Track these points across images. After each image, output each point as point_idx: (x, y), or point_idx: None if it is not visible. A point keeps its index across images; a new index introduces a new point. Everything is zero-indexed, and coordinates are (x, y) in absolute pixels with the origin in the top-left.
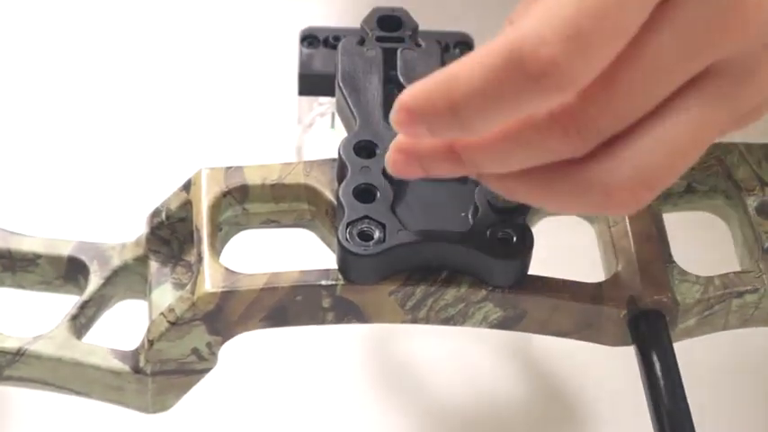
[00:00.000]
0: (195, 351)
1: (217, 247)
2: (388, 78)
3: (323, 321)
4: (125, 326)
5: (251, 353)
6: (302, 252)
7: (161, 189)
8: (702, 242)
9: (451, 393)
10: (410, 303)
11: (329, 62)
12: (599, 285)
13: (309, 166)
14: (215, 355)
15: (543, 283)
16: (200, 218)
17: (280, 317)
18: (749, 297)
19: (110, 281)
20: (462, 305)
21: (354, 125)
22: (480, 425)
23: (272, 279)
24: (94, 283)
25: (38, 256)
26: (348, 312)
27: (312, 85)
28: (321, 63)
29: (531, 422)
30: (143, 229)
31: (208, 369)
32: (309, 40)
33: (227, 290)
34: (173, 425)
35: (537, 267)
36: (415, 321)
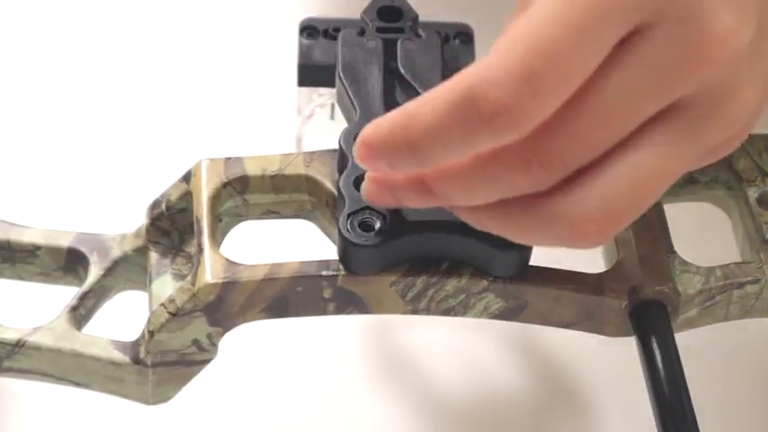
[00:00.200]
0: (196, 342)
1: (217, 238)
2: (389, 69)
3: (324, 312)
4: (125, 317)
5: (251, 344)
6: (303, 243)
7: (161, 180)
8: (703, 233)
9: (451, 383)
10: (411, 294)
11: (329, 53)
12: (600, 276)
13: (310, 156)
14: (215, 346)
15: (544, 274)
16: (200, 209)
17: (280, 308)
18: (750, 288)
19: (109, 272)
20: (463, 296)
21: (354, 116)
22: (480, 415)
23: (272, 270)
24: (94, 274)
25: (37, 248)
26: (349, 303)
27: (312, 75)
28: (321, 54)
29: (532, 412)
30: (143, 220)
31: (208, 360)
32: (309, 30)
33: (227, 281)
34: (173, 416)
35: (538, 258)
36: (415, 312)
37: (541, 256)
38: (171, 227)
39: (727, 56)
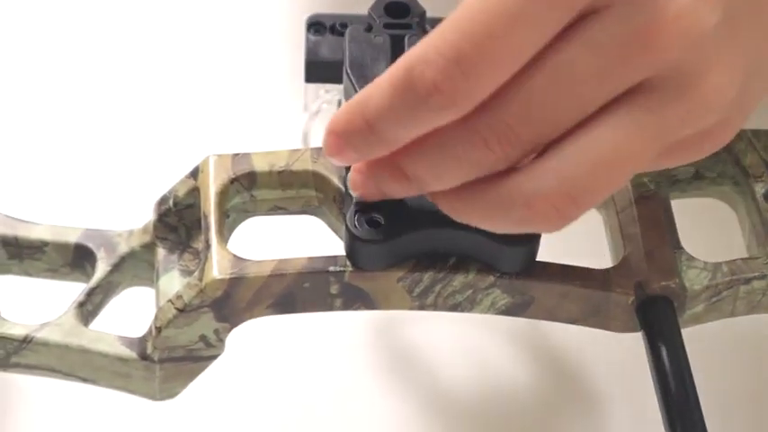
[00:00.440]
0: (203, 338)
1: (224, 234)
2: None
3: (331, 308)
4: (132, 313)
5: (259, 340)
6: (310, 239)
7: (168, 176)
8: (710, 228)
9: (459, 379)
10: (418, 290)
11: (336, 49)
12: (607, 272)
13: (317, 152)
14: (222, 341)
15: (551, 270)
16: (207, 204)
17: (287, 303)
18: (757, 283)
19: (117, 268)
20: (470, 292)
21: None
22: (488, 411)
23: (279, 266)
24: (101, 270)
25: (45, 244)
26: (356, 299)
27: (319, 72)
28: (328, 50)
29: (540, 407)
30: (150, 216)
31: (215, 356)
32: (316, 27)
33: (234, 276)
34: (180, 412)
35: (544, 254)
36: (422, 308)
37: (548, 252)
38: (178, 223)
39: (685, 38)
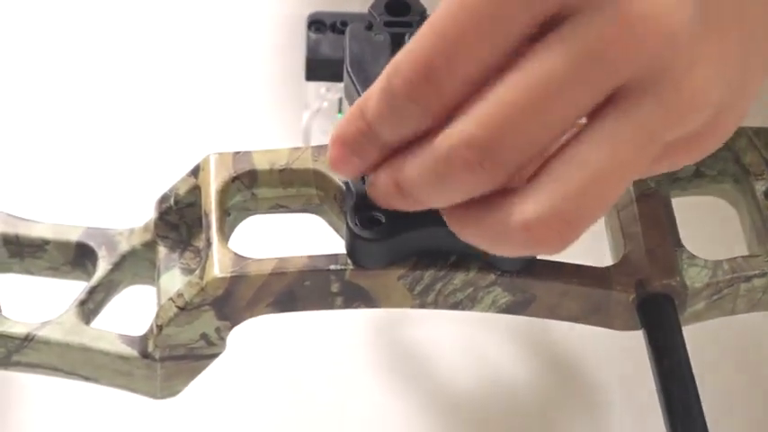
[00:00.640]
0: (204, 336)
1: (225, 232)
2: None
3: (331, 306)
4: (133, 311)
5: (260, 338)
6: (311, 237)
7: (169, 174)
8: (711, 226)
9: (460, 377)
10: (419, 288)
11: (336, 47)
12: (608, 270)
13: (318, 150)
14: (224, 340)
15: (552, 268)
16: (208, 203)
17: (288, 302)
18: (757, 281)
19: (118, 266)
20: (471, 290)
21: None
22: (488, 409)
23: (280, 264)
24: (103, 268)
25: (46, 242)
26: (357, 297)
27: (319, 70)
28: (328, 48)
29: (542, 406)
30: (151, 214)
31: (216, 354)
32: (316, 24)
33: (235, 275)
34: (182, 410)
35: None
36: (423, 306)
37: None
38: (179, 221)
39: (656, 37)
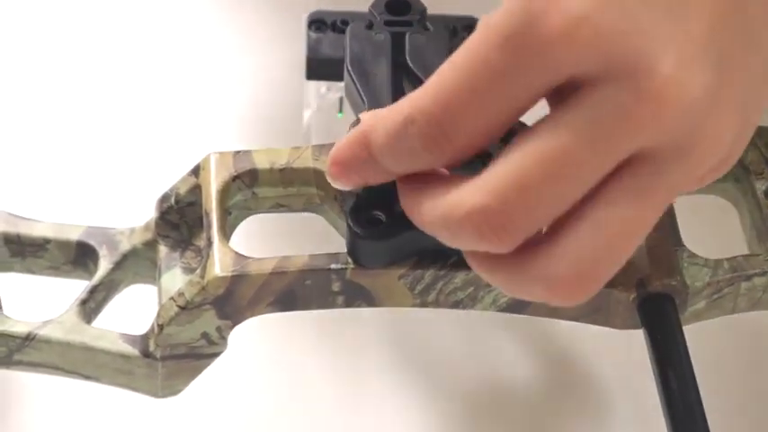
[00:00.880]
0: (205, 335)
1: (226, 232)
2: (397, 62)
3: (332, 305)
4: (134, 311)
5: (261, 337)
6: (311, 236)
7: (170, 174)
8: (711, 225)
9: (464, 375)
10: (420, 287)
11: (337, 46)
12: None
13: (318, 150)
14: (225, 339)
15: None
16: (209, 202)
17: (289, 301)
18: (758, 280)
19: (119, 266)
20: (471, 289)
21: (363, 109)
22: (490, 408)
23: (281, 263)
24: (104, 267)
25: (47, 241)
26: (358, 296)
27: (320, 69)
28: (329, 47)
29: (545, 404)
30: (152, 213)
31: (218, 353)
32: (317, 24)
33: (236, 274)
34: (183, 409)
35: None
36: (424, 305)
37: None
38: (180, 220)
39: (676, 106)
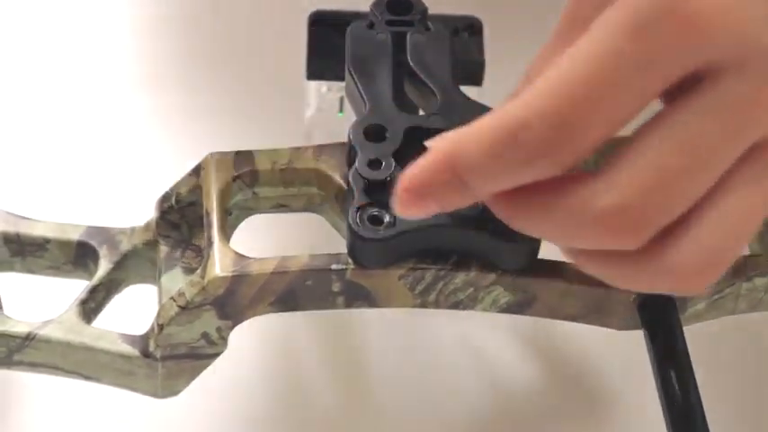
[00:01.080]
0: (205, 335)
1: (227, 232)
2: (398, 62)
3: (333, 306)
4: (135, 311)
5: (261, 337)
6: (312, 236)
7: (171, 174)
8: None
9: (463, 375)
10: (420, 287)
11: (338, 46)
12: None
13: (319, 150)
14: (225, 339)
15: (553, 268)
16: (209, 202)
17: (289, 301)
18: (758, 281)
19: (119, 265)
20: (472, 289)
21: (364, 109)
22: (491, 409)
23: (281, 263)
24: (104, 267)
25: (47, 241)
26: (358, 297)
27: (320, 69)
28: (329, 47)
29: (547, 406)
30: (152, 213)
31: (218, 353)
32: (318, 23)
33: (237, 274)
34: (183, 409)
35: (547, 251)
36: (424, 306)
37: (550, 250)
38: (180, 220)
39: None
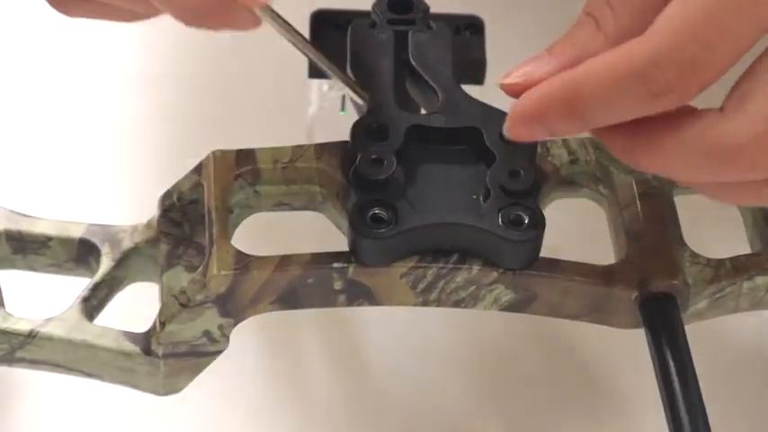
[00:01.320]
0: (207, 333)
1: (228, 230)
2: (400, 61)
3: (334, 304)
4: (136, 308)
5: (263, 336)
6: (313, 235)
7: (173, 172)
8: (713, 225)
9: (463, 374)
10: (421, 286)
11: (339, 45)
12: (610, 268)
13: (321, 148)
14: (226, 337)
15: (554, 266)
16: (211, 200)
17: (291, 299)
18: (760, 280)
19: (121, 263)
20: (473, 288)
21: (365, 108)
22: (492, 408)
23: (283, 261)
24: (106, 265)
25: (49, 239)
26: (359, 295)
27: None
28: (331, 45)
29: (552, 403)
30: (154, 211)
31: (219, 351)
32: (320, 22)
33: (238, 272)
34: (184, 406)
35: (548, 250)
36: (426, 304)
37: (551, 249)
38: (182, 218)
39: None
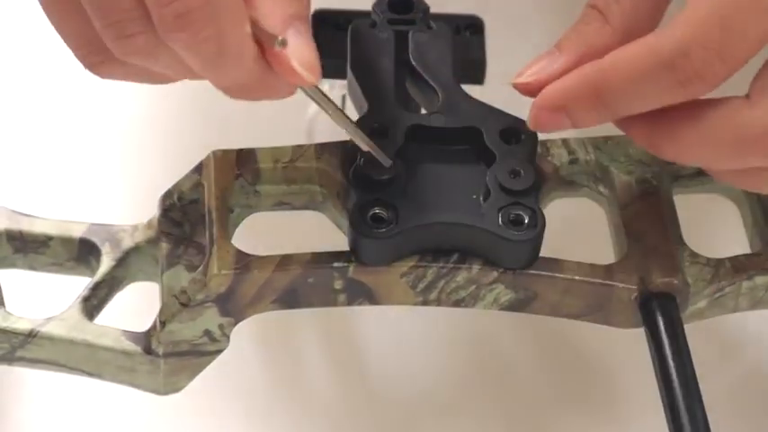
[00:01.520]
0: (207, 333)
1: (228, 230)
2: (400, 61)
3: (334, 303)
4: (137, 308)
5: (263, 335)
6: (314, 234)
7: (173, 171)
8: (713, 224)
9: (464, 373)
10: (421, 285)
11: (340, 44)
12: (610, 267)
13: (321, 148)
14: (227, 336)
15: (554, 265)
16: (211, 200)
17: (291, 299)
18: (759, 279)
19: (121, 263)
20: (473, 287)
21: (365, 107)
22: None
23: (283, 261)
24: (106, 264)
25: (49, 238)
26: (359, 294)
27: (322, 67)
28: (331, 45)
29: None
30: (155, 211)
31: (220, 350)
32: (320, 22)
33: (238, 272)
34: (184, 406)
35: (547, 249)
36: (426, 303)
37: (551, 248)
38: (183, 218)
39: None
